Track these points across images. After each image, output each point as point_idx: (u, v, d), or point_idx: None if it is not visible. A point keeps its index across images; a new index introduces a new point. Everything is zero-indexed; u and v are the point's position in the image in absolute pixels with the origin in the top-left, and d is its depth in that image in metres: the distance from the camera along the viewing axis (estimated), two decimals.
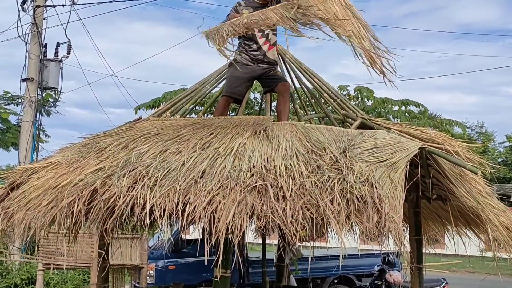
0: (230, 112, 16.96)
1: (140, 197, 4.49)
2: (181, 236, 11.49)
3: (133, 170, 4.83)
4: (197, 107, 11.22)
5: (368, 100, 15.86)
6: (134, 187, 4.62)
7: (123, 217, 4.50)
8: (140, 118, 6.53)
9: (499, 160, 41.92)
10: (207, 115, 8.05)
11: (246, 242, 10.60)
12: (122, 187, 4.62)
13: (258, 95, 16.14)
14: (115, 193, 4.59)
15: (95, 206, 4.58)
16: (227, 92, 6.33)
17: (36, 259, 10.40)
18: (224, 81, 6.85)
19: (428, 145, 5.23)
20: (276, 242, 9.76)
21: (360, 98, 15.83)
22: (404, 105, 16.44)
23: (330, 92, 7.04)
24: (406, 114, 16.25)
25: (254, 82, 6.61)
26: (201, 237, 4.41)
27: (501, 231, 5.41)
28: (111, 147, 5.43)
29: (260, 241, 10.58)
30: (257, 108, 14.03)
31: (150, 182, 4.63)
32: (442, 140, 5.48)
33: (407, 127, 5.99)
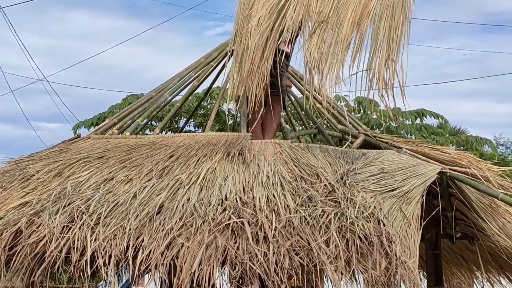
0: (196, 128, 17.05)
1: (78, 240, 4.45)
2: None
3: (68, 204, 4.79)
4: (152, 122, 11.24)
5: (372, 113, 15.89)
6: (70, 227, 4.58)
7: (56, 266, 4.45)
8: (79, 136, 6.50)
9: None
10: (165, 132, 8.04)
11: None
12: (54, 227, 4.57)
13: (231, 105, 16.12)
14: (45, 235, 4.54)
15: (18, 252, 4.52)
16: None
17: None
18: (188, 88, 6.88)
19: (450, 169, 5.28)
20: None
21: (362, 111, 15.89)
22: (419, 117, 16.51)
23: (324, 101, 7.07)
24: (422, 128, 16.32)
25: None
26: None
27: None
28: (40, 174, 5.38)
29: None
30: (230, 122, 14.06)
31: (91, 220, 4.60)
32: (467, 163, 5.53)
33: (423, 145, 6.05)
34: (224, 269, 4.41)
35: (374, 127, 15.18)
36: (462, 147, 16.15)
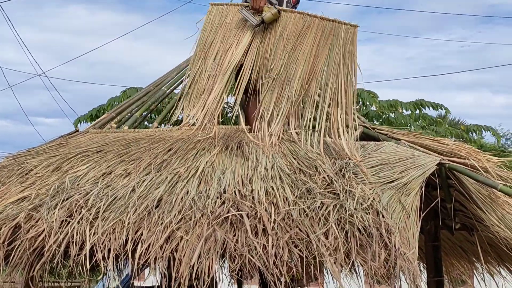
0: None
1: (77, 234, 4.45)
2: (133, 283, 11.42)
3: (67, 199, 4.79)
4: (151, 115, 11.23)
5: (371, 105, 15.85)
6: (69, 222, 4.58)
7: (55, 261, 4.45)
8: (77, 130, 6.51)
9: None
10: (165, 126, 8.04)
11: None
12: (53, 221, 4.57)
13: (230, 98, 16.11)
14: (44, 230, 4.54)
15: (17, 247, 4.52)
16: None
17: None
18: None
19: (449, 160, 5.29)
20: None
21: (361, 102, 15.84)
22: (418, 108, 16.44)
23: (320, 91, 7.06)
24: (420, 120, 16.26)
25: None
26: (158, 284, 4.38)
27: None
28: (38, 169, 5.38)
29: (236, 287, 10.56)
30: (229, 115, 14.03)
31: (90, 214, 4.60)
32: (466, 154, 5.53)
33: (422, 137, 6.05)
34: (224, 262, 4.40)
35: (373, 119, 15.16)
36: (461, 139, 16.12)
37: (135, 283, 11.63)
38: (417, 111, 16.44)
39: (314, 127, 5.79)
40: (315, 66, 6.04)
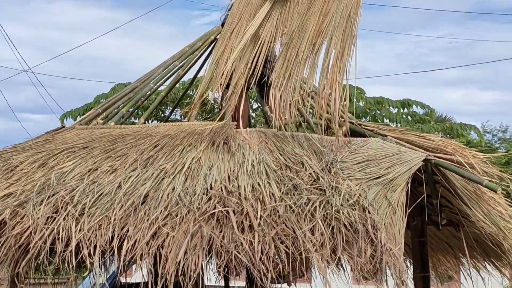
0: (182, 117, 17.00)
1: (62, 231, 4.44)
2: (120, 279, 11.39)
3: (53, 195, 4.78)
4: (137, 112, 11.21)
5: (358, 101, 15.92)
6: (55, 218, 4.57)
7: (41, 257, 4.44)
8: (63, 126, 6.48)
9: None
10: (151, 122, 8.02)
11: (204, 286, 10.54)
12: (38, 218, 4.56)
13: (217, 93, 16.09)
14: (29, 226, 4.53)
15: (3, 244, 4.51)
16: None
17: None
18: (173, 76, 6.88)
19: (435, 156, 5.30)
20: (243, 284, 9.75)
21: (348, 99, 15.86)
22: (405, 107, 16.53)
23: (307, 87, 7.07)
24: (409, 117, 16.34)
25: None
26: (145, 280, 4.37)
27: None
28: (24, 165, 5.36)
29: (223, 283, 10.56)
30: (216, 111, 14.03)
31: (76, 210, 4.59)
32: (452, 150, 5.55)
33: (408, 133, 6.06)
34: (210, 258, 4.40)
35: (361, 116, 15.20)
36: (448, 135, 16.20)
37: (122, 280, 11.59)
38: (405, 110, 16.52)
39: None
40: (322, 23, 6.12)
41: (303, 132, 5.88)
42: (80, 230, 4.44)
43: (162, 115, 15.86)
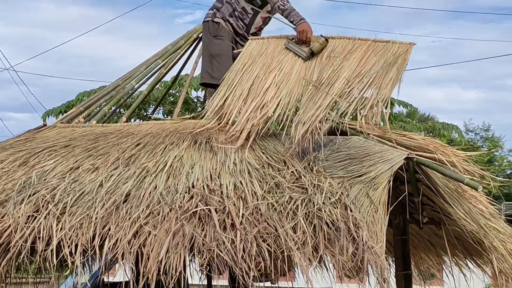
0: (165, 115, 16.98)
1: (43, 230, 4.43)
2: (103, 279, 11.35)
3: (34, 194, 4.77)
4: (120, 110, 11.18)
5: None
6: (36, 217, 4.56)
7: (22, 257, 4.42)
8: (45, 125, 6.46)
9: (508, 172, 42.88)
10: (134, 120, 8.00)
11: (186, 285, 10.53)
12: (19, 217, 4.55)
13: (200, 93, 16.14)
14: (9, 225, 4.52)
15: None
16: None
17: None
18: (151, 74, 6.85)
19: (417, 155, 5.31)
20: (226, 283, 9.74)
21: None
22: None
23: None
24: (391, 117, 16.44)
25: None
26: (127, 279, 4.36)
27: (510, 261, 5.52)
28: (4, 164, 5.35)
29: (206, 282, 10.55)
30: (199, 109, 14.04)
31: (57, 209, 4.58)
32: (434, 148, 5.57)
33: (390, 131, 6.06)
34: (193, 257, 4.40)
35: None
36: (431, 134, 16.29)
37: (105, 279, 11.55)
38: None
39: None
40: (360, 69, 5.79)
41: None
42: (61, 229, 4.43)
43: (145, 113, 15.85)
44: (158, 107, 15.68)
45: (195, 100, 16.95)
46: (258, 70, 6.06)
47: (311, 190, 4.65)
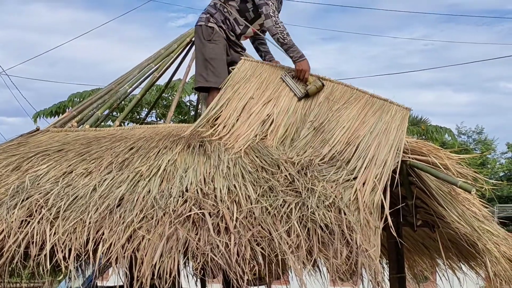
0: (158, 118, 16.99)
1: (37, 234, 4.41)
2: (97, 283, 11.33)
3: (27, 198, 4.75)
4: (113, 114, 11.18)
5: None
6: (29, 222, 4.53)
7: (15, 262, 4.40)
8: (38, 129, 6.45)
9: (501, 174, 43.03)
10: (127, 124, 8.00)
11: None
12: (12, 221, 4.53)
13: (193, 97, 16.15)
14: (2, 230, 4.49)
15: None
16: (218, 83, 6.26)
17: None
18: (143, 79, 6.83)
19: (410, 158, 5.33)
20: (220, 287, 9.74)
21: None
22: None
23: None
24: None
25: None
26: (121, 283, 4.36)
27: (503, 264, 5.54)
28: None
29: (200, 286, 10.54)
30: (192, 113, 14.04)
31: (50, 214, 4.56)
32: (427, 151, 5.58)
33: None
34: (187, 261, 4.39)
35: None
36: (423, 137, 16.33)
37: (99, 283, 11.53)
38: None
39: None
40: (358, 129, 5.65)
41: None
42: (54, 233, 4.41)
43: (138, 117, 15.86)
44: (151, 111, 15.69)
45: (188, 104, 16.95)
46: (252, 91, 6.04)
47: (305, 194, 4.65)
